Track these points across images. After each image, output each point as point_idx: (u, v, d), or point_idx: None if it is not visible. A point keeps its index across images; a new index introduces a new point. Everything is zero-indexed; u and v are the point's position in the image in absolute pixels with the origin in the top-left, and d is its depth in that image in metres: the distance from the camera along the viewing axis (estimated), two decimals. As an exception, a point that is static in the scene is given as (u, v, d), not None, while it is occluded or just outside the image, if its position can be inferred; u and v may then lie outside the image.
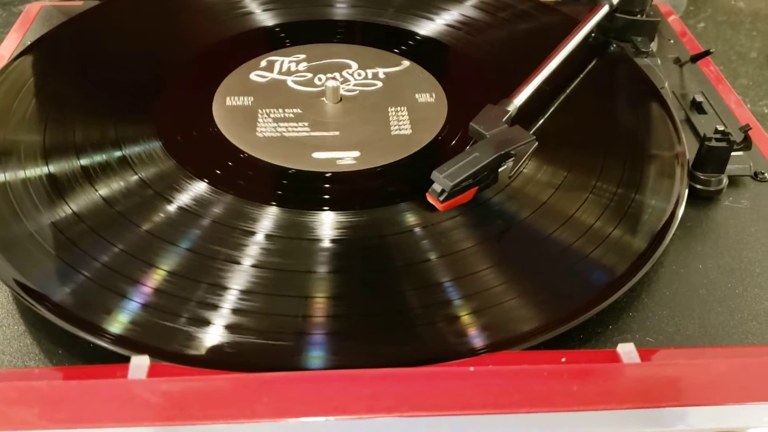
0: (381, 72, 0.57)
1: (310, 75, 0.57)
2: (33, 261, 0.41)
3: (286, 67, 0.57)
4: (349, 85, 0.56)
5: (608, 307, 0.40)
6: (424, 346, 0.37)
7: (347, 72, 0.57)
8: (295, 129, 0.51)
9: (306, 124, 0.52)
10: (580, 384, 0.32)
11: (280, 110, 0.53)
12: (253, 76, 0.56)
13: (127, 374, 0.33)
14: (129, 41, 0.60)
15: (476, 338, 0.37)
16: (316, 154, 0.49)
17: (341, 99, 0.54)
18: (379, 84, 0.56)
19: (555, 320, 0.38)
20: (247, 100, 0.54)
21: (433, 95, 0.54)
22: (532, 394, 0.31)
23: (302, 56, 0.58)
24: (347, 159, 0.49)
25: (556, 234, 0.43)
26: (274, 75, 0.57)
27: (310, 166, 0.48)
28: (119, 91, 0.54)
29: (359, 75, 0.57)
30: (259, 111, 0.53)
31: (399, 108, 0.54)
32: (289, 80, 0.56)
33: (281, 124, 0.52)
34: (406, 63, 0.58)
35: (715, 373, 0.33)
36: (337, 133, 0.51)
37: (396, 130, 0.51)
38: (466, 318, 0.38)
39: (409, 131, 0.51)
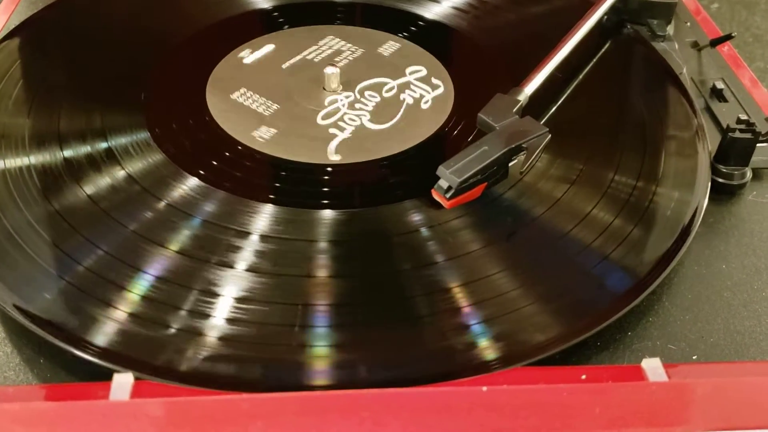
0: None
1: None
2: (11, 264, 0.38)
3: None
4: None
5: (627, 312, 0.37)
6: (433, 359, 0.34)
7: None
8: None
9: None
10: (602, 405, 0.29)
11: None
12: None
13: (108, 393, 0.30)
14: (119, 24, 0.57)
15: (489, 350, 0.35)
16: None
17: (341, 86, 0.51)
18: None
19: (572, 329, 0.36)
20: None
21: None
22: (551, 416, 0.29)
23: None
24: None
25: (572, 233, 0.41)
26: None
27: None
28: (107, 77, 0.51)
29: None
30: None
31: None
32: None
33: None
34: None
35: (751, 394, 0.30)
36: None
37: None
38: (477, 327, 0.36)
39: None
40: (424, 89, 0.51)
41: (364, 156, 0.46)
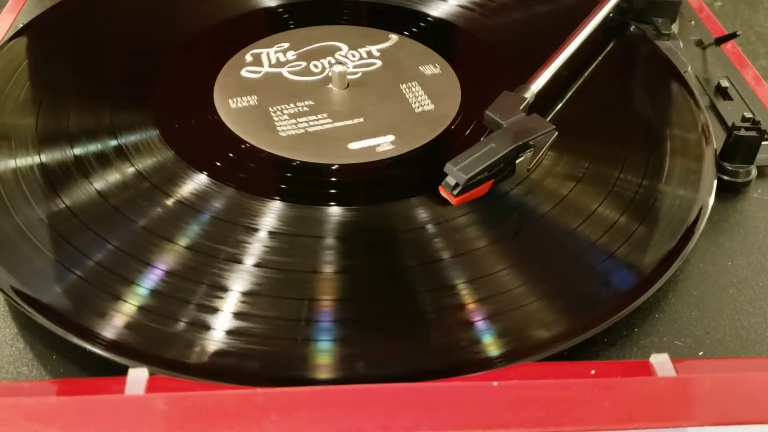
0: (374, 49, 0.55)
1: (303, 63, 0.54)
2: (23, 259, 0.38)
3: (275, 58, 0.54)
4: (347, 67, 0.53)
5: (634, 308, 0.38)
6: (442, 355, 0.35)
7: (340, 54, 0.54)
8: (316, 122, 0.48)
9: (325, 115, 0.49)
10: (611, 400, 0.29)
11: (292, 105, 0.50)
12: (244, 73, 0.52)
13: (124, 388, 0.31)
14: (126, 23, 0.57)
15: (498, 346, 0.35)
16: (352, 145, 0.46)
17: (348, 85, 0.51)
18: (378, 62, 0.54)
19: (579, 326, 0.36)
20: (252, 99, 0.50)
21: (437, 66, 0.53)
22: (560, 411, 0.29)
23: (286, 45, 0.55)
24: (385, 145, 0.46)
25: (578, 230, 0.41)
26: (266, 68, 0.53)
27: (349, 159, 0.45)
28: (115, 75, 0.51)
29: (353, 56, 0.54)
30: (270, 108, 0.49)
31: (410, 83, 0.51)
32: (284, 71, 0.53)
33: (300, 120, 0.48)
34: (394, 37, 0.56)
35: (757, 389, 0.30)
36: (361, 119, 0.49)
37: (419, 107, 0.49)
38: (485, 324, 0.36)
39: (432, 106, 0.49)
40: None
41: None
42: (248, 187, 0.43)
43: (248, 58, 0.54)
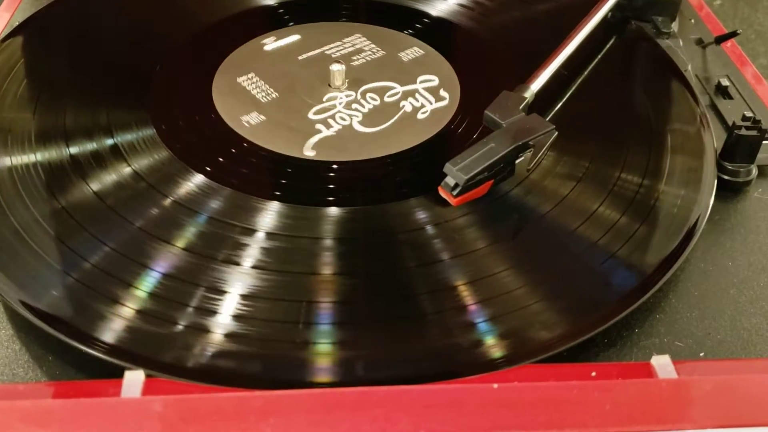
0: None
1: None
2: (19, 260, 0.38)
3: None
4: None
5: (634, 309, 0.37)
6: (442, 357, 0.34)
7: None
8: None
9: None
10: (612, 403, 0.29)
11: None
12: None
13: (120, 390, 0.30)
14: (123, 21, 0.57)
15: (498, 348, 0.35)
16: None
17: (346, 85, 0.51)
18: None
19: (580, 326, 0.36)
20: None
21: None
22: (561, 413, 0.29)
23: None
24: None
25: (578, 231, 0.41)
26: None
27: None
28: (112, 74, 0.51)
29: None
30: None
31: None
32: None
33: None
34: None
35: (758, 391, 0.30)
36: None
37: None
38: (483, 325, 0.36)
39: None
40: (427, 99, 0.50)
41: (339, 156, 0.45)
42: (246, 187, 0.42)
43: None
